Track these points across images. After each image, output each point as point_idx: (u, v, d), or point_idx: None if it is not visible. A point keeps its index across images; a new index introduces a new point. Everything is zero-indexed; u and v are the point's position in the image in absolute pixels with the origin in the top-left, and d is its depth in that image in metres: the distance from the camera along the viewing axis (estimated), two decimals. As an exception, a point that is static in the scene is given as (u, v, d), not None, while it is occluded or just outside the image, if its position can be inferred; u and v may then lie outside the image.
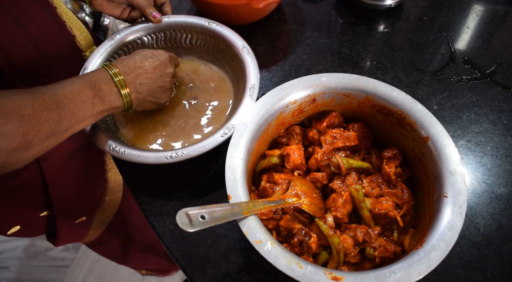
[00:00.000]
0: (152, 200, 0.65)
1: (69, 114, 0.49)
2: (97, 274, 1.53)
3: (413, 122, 0.57)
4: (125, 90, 0.58)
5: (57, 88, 0.50)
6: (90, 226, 0.89)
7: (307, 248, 0.54)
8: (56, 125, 0.47)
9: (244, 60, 0.68)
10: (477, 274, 0.58)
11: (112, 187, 0.88)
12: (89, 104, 0.52)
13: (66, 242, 0.88)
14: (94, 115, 0.54)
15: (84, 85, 0.52)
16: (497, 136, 0.71)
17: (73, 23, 0.71)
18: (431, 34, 0.87)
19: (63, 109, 0.48)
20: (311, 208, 0.55)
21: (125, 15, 0.74)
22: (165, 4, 0.76)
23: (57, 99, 0.48)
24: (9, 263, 1.57)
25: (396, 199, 0.57)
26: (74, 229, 0.86)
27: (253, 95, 0.63)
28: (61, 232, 0.82)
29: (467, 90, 0.77)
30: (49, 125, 0.46)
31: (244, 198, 0.50)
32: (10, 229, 0.74)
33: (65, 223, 0.82)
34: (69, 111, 0.49)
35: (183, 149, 0.59)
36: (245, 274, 0.58)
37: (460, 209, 0.49)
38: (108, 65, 0.58)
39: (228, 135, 0.59)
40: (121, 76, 0.58)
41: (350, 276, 0.44)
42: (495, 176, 0.67)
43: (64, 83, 0.51)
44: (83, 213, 0.85)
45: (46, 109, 0.46)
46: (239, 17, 0.81)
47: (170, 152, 0.59)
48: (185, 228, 0.43)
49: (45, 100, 0.47)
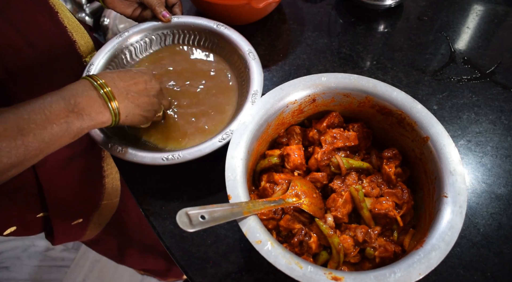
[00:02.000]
0: (152, 200, 0.65)
1: (36, 141, 0.44)
2: (97, 274, 1.53)
3: (413, 122, 0.57)
4: (114, 103, 0.52)
5: (22, 112, 0.44)
6: (87, 227, 0.89)
7: (307, 248, 0.54)
8: (20, 154, 0.43)
9: (249, 65, 0.68)
10: (477, 274, 0.58)
11: (109, 192, 0.88)
12: (62, 123, 0.47)
13: (64, 241, 0.88)
14: (71, 134, 0.48)
15: (56, 102, 0.47)
16: (497, 136, 0.71)
17: (74, 28, 0.71)
18: (431, 34, 0.87)
19: (28, 135, 0.44)
20: (311, 208, 0.55)
21: (136, 14, 0.74)
22: (175, 5, 0.76)
23: (21, 124, 0.43)
24: (9, 263, 1.57)
25: (396, 199, 0.57)
26: (71, 230, 0.86)
27: (254, 101, 0.63)
28: (57, 232, 0.82)
29: (467, 90, 0.77)
30: (9, 156, 0.42)
31: (244, 198, 0.50)
32: (6, 229, 0.74)
33: (61, 224, 0.82)
34: (36, 137, 0.44)
35: (179, 152, 0.59)
36: (245, 274, 0.58)
37: (460, 209, 0.49)
38: (92, 76, 0.53)
39: (226, 140, 0.59)
40: (108, 87, 0.52)
41: (350, 276, 0.44)
42: (495, 176, 0.67)
43: (33, 103, 0.46)
44: (79, 215, 0.85)
45: (6, 139, 0.42)
46: (239, 17, 0.81)
47: (166, 153, 0.59)
48: (185, 228, 0.43)
49: (6, 128, 0.42)
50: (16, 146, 0.43)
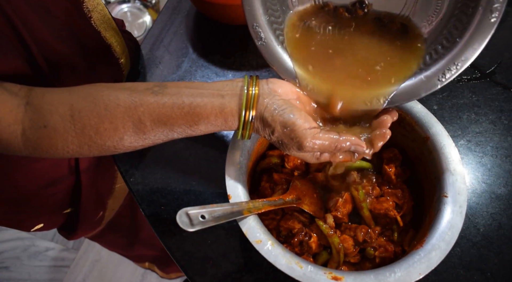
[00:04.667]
0: (152, 200, 0.65)
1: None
2: (97, 274, 1.53)
3: (413, 122, 0.57)
4: (251, 112, 0.45)
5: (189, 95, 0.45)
6: (104, 216, 0.90)
7: (307, 248, 0.54)
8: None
9: None
10: (477, 274, 0.58)
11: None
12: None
13: (81, 236, 0.89)
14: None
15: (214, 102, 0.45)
16: (497, 136, 0.71)
17: (107, 30, 0.65)
18: (431, 34, 0.87)
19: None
20: (311, 208, 0.55)
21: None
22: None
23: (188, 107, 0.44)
24: (9, 263, 1.57)
25: (396, 199, 0.57)
26: (92, 224, 0.87)
27: None
28: (80, 228, 0.83)
29: (467, 90, 0.77)
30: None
31: (244, 198, 0.50)
32: (34, 226, 0.75)
33: (86, 222, 0.83)
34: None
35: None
36: (245, 274, 0.58)
37: (460, 209, 0.49)
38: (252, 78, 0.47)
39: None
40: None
41: (350, 276, 0.44)
42: (495, 176, 0.67)
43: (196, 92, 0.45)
44: (99, 206, 0.85)
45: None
46: (239, 17, 0.81)
47: None
48: (185, 228, 0.43)
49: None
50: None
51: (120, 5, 1.56)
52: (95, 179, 0.77)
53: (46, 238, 1.61)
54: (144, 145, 0.47)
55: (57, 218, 0.79)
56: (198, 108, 0.45)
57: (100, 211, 0.86)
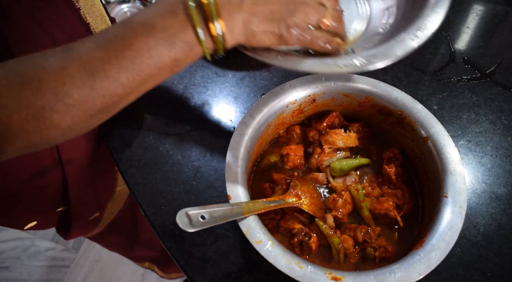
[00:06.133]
0: (152, 200, 0.65)
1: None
2: (97, 274, 1.53)
3: (413, 122, 0.57)
4: (218, 23, 0.39)
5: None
6: (101, 218, 0.90)
7: (307, 248, 0.54)
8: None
9: None
10: (477, 274, 0.58)
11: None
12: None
13: (77, 235, 0.89)
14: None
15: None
16: (497, 136, 0.71)
17: (97, 23, 0.66)
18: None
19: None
20: (311, 208, 0.55)
21: None
22: None
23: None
24: (9, 263, 1.57)
25: (396, 199, 0.57)
26: (87, 224, 0.87)
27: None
28: (74, 227, 0.83)
29: (467, 90, 0.77)
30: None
31: (244, 198, 0.50)
32: (27, 224, 0.74)
33: (80, 219, 0.82)
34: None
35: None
36: (245, 274, 0.58)
37: (460, 209, 0.49)
38: None
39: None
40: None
41: (350, 276, 0.44)
42: (495, 176, 0.67)
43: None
44: (96, 207, 0.85)
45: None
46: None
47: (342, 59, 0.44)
48: (185, 228, 0.43)
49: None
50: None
51: (120, 5, 1.55)
52: (90, 176, 0.77)
53: (46, 238, 1.61)
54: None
55: (51, 216, 0.79)
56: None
57: (96, 212, 0.86)
